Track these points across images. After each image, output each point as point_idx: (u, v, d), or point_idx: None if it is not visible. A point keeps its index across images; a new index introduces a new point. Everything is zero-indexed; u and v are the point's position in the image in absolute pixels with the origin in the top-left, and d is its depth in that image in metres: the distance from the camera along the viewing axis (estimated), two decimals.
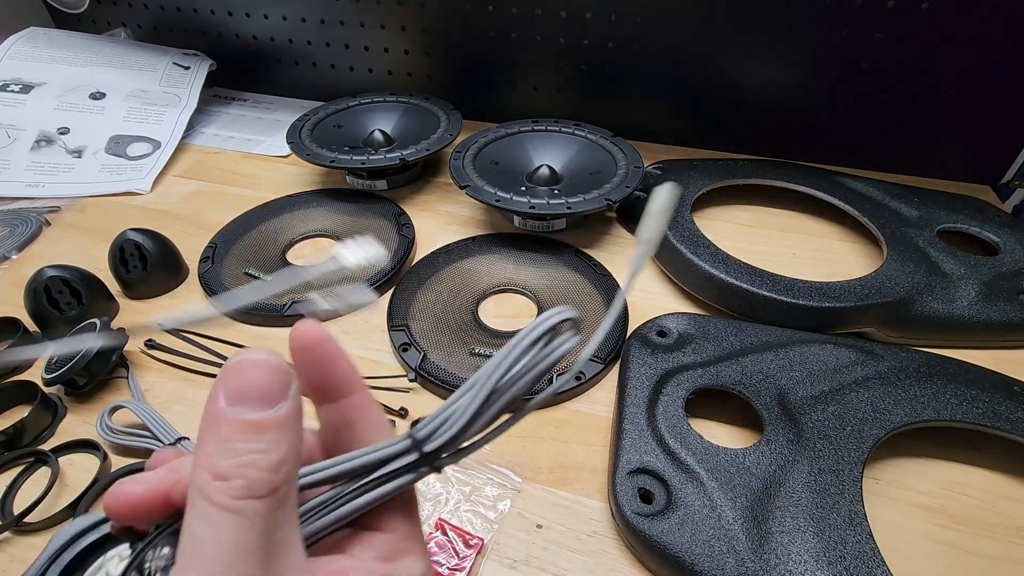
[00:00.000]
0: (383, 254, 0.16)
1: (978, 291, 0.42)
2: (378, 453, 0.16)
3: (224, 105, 0.75)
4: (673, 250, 0.45)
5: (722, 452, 0.32)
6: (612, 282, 0.45)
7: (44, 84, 0.65)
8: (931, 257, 0.44)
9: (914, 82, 0.53)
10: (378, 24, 0.65)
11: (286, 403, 0.15)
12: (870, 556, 0.27)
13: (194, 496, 0.14)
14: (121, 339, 0.39)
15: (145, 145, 0.64)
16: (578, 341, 0.16)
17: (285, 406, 0.15)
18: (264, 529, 0.14)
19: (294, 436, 0.15)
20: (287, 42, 0.71)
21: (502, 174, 0.52)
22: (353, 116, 0.62)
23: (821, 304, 0.40)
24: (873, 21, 0.51)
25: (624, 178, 0.49)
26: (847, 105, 0.56)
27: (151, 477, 0.16)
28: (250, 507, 0.13)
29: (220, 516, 0.13)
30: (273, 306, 0.44)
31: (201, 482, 0.14)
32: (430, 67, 0.67)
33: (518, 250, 0.49)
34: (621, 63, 0.60)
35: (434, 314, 0.43)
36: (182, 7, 0.72)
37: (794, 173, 0.53)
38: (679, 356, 0.37)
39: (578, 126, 0.56)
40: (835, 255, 0.50)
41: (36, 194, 0.59)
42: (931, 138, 0.56)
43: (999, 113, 0.53)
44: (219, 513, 0.13)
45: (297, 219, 0.53)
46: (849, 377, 0.36)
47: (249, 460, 0.14)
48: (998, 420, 0.33)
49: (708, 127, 0.62)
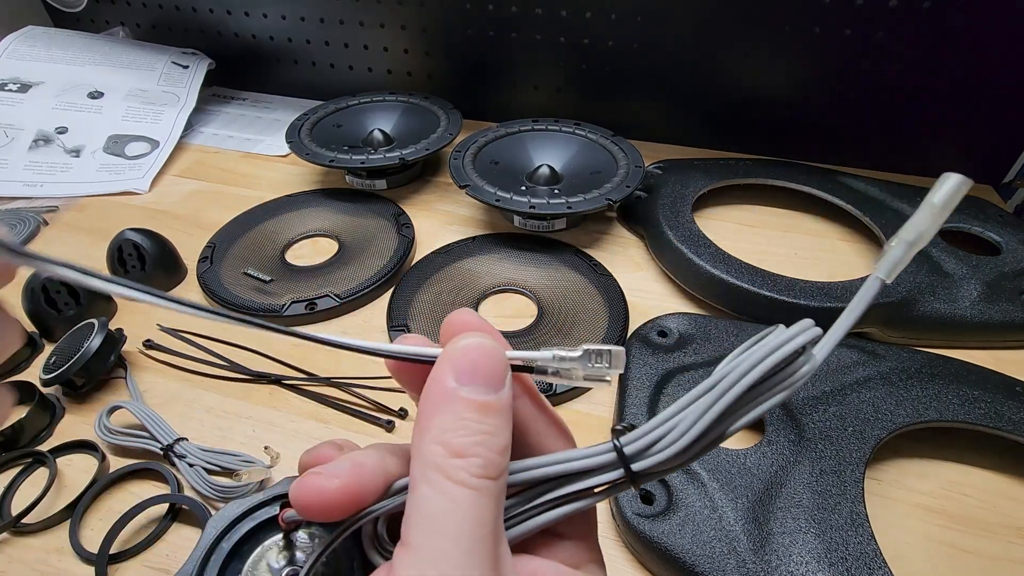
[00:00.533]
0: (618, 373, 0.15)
1: (980, 291, 0.41)
2: (582, 463, 0.15)
3: (223, 104, 0.74)
4: (673, 250, 0.45)
5: (723, 453, 0.32)
6: (612, 282, 0.45)
7: (42, 83, 0.64)
8: (933, 257, 0.44)
9: (916, 81, 0.53)
10: (378, 23, 0.65)
11: (504, 390, 0.15)
12: (871, 557, 0.27)
13: (428, 471, 0.13)
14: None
15: (143, 144, 0.63)
16: (817, 366, 0.14)
17: (504, 393, 0.15)
18: (497, 512, 0.13)
19: (509, 424, 0.15)
20: (286, 41, 0.71)
21: (502, 174, 0.52)
22: (352, 115, 0.62)
23: (822, 304, 0.40)
24: (875, 20, 0.51)
25: (624, 178, 0.49)
26: (849, 104, 0.56)
27: (339, 472, 0.15)
28: (487, 487, 0.13)
29: (460, 492, 0.13)
30: (272, 306, 0.44)
31: (436, 457, 0.13)
32: (430, 66, 0.67)
33: (518, 250, 0.49)
34: (621, 62, 0.60)
35: (434, 314, 0.43)
36: (181, 6, 0.72)
37: (795, 173, 0.53)
38: (680, 356, 0.37)
39: (578, 125, 0.56)
40: (836, 255, 0.50)
41: (34, 194, 0.58)
42: (933, 137, 0.56)
43: (1001, 113, 0.53)
44: (459, 489, 0.13)
45: (296, 219, 0.53)
46: (850, 377, 0.35)
47: (482, 439, 0.14)
48: (1000, 420, 0.33)
49: (709, 126, 0.62)
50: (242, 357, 0.41)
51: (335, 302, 0.44)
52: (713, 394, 0.14)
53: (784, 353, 0.13)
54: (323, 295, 0.44)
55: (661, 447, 0.14)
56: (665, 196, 0.50)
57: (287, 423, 0.37)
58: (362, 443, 0.38)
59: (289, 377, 0.40)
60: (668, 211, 0.48)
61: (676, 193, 0.50)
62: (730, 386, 0.13)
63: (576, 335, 0.41)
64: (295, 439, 0.36)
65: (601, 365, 0.15)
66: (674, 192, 0.50)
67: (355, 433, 0.36)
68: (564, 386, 0.37)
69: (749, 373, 0.13)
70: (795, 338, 0.13)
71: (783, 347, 0.13)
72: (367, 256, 0.48)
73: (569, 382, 0.16)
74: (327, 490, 0.15)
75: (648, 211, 0.50)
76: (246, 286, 0.46)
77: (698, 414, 0.14)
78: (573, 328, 0.41)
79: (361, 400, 0.38)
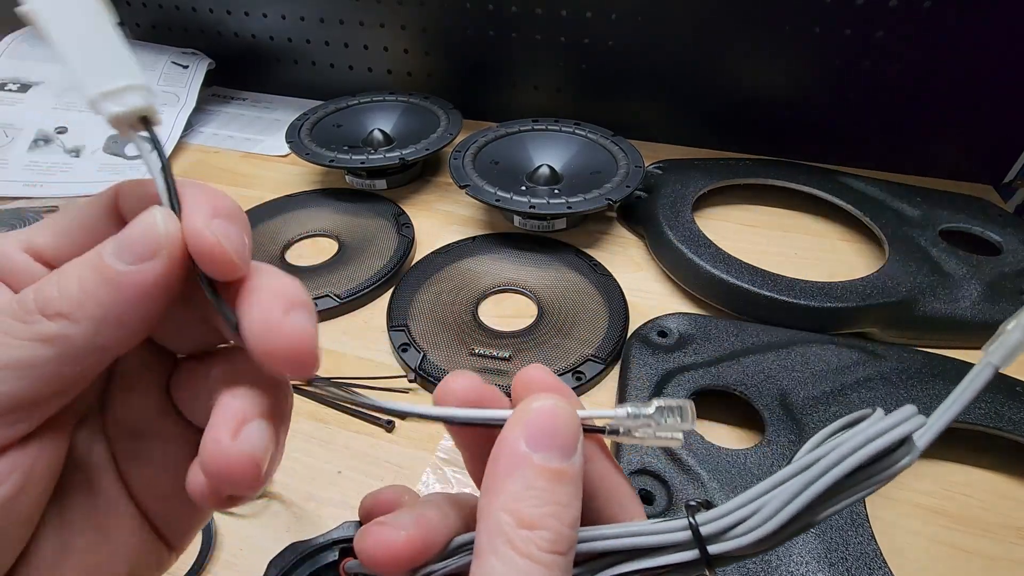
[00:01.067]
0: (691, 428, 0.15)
1: (980, 291, 0.41)
2: (654, 539, 0.14)
3: (223, 104, 0.74)
4: (674, 250, 0.45)
5: (723, 453, 0.32)
6: (612, 282, 0.45)
7: (42, 83, 0.64)
8: (933, 257, 0.44)
9: (916, 81, 0.53)
10: (378, 23, 0.65)
11: (576, 456, 0.14)
12: (872, 557, 0.27)
13: (496, 541, 0.13)
14: None
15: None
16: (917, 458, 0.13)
17: (577, 459, 0.14)
18: None
19: (580, 493, 0.14)
20: (286, 41, 0.71)
21: (502, 174, 0.52)
22: (352, 115, 0.62)
23: (823, 304, 0.40)
24: (875, 20, 0.51)
25: (625, 178, 0.49)
26: (849, 104, 0.56)
27: (406, 524, 0.15)
28: (556, 562, 0.13)
29: (529, 567, 0.12)
30: None
31: (505, 527, 0.13)
32: (430, 66, 0.67)
33: (518, 250, 0.49)
34: (621, 62, 0.60)
35: (434, 314, 0.43)
36: (180, 6, 0.72)
37: (795, 172, 0.53)
38: (680, 356, 0.37)
39: (578, 125, 0.56)
40: (836, 255, 0.50)
41: (34, 193, 0.58)
42: (933, 137, 0.56)
43: (1002, 113, 0.53)
44: (528, 563, 0.12)
45: (296, 219, 0.53)
46: (851, 377, 0.35)
47: (553, 511, 0.13)
48: (1000, 420, 0.33)
49: (709, 126, 0.62)
50: None
51: (335, 302, 0.44)
52: (804, 478, 0.13)
53: (885, 443, 0.12)
54: (323, 295, 0.44)
55: (742, 531, 0.13)
56: (665, 196, 0.50)
57: None
58: (363, 444, 0.38)
59: None
60: (668, 211, 0.48)
61: (676, 193, 0.50)
62: (823, 472, 0.12)
63: (576, 335, 0.41)
64: (295, 439, 0.36)
65: (674, 420, 0.15)
66: (674, 192, 0.50)
67: (355, 433, 0.36)
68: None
69: (845, 460, 0.12)
70: (898, 427, 0.12)
71: (885, 435, 0.12)
72: (367, 256, 0.48)
73: (639, 442, 0.15)
74: (395, 544, 0.14)
75: (648, 211, 0.50)
76: None
77: (786, 498, 0.13)
78: (573, 328, 0.41)
79: None
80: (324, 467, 0.35)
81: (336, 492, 0.33)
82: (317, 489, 0.33)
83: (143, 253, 0.13)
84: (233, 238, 0.14)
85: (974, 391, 0.13)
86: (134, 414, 0.16)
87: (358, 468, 0.35)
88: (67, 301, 0.13)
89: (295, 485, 0.34)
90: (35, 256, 0.15)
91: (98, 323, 0.13)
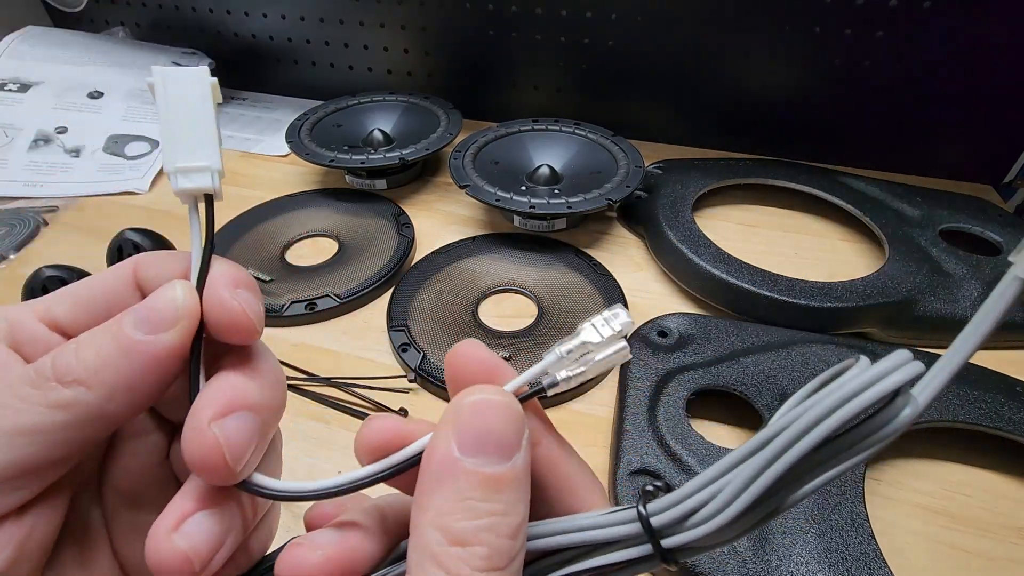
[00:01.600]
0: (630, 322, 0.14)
1: (980, 291, 0.41)
2: (602, 532, 0.12)
3: (223, 104, 0.74)
4: (674, 250, 0.45)
5: (723, 453, 0.32)
6: (612, 282, 0.45)
7: (42, 83, 0.64)
8: (933, 257, 0.44)
9: (916, 81, 0.53)
10: (378, 23, 0.65)
11: (520, 454, 0.12)
12: (872, 557, 0.27)
13: (425, 563, 0.11)
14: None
15: (143, 144, 0.63)
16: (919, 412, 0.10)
17: (520, 458, 0.12)
18: None
19: (527, 494, 0.13)
20: (286, 41, 0.71)
21: (502, 174, 0.52)
22: (352, 115, 0.62)
23: (823, 304, 0.40)
24: (875, 20, 0.51)
25: (625, 178, 0.49)
26: (849, 104, 0.56)
27: (325, 542, 0.14)
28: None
29: None
30: (271, 306, 0.44)
31: (435, 546, 0.12)
32: (430, 66, 0.67)
33: (518, 250, 0.49)
34: (621, 62, 0.60)
35: (434, 314, 0.43)
36: (180, 6, 0.72)
37: (795, 173, 0.53)
38: (680, 356, 0.37)
39: (578, 125, 0.56)
40: (837, 255, 0.50)
41: (34, 193, 0.58)
42: (933, 137, 0.56)
43: (1002, 112, 0.53)
44: None
45: (296, 219, 0.53)
46: None
47: (489, 524, 0.12)
48: (1000, 421, 0.33)
49: (709, 126, 0.62)
50: None
51: (335, 302, 0.44)
52: (770, 450, 0.10)
53: (871, 397, 0.10)
54: (323, 295, 0.44)
55: (700, 519, 0.11)
56: (665, 196, 0.50)
57: (287, 423, 0.37)
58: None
59: (290, 377, 0.40)
60: (668, 211, 0.48)
61: (676, 193, 0.50)
62: (792, 441, 0.10)
63: None
64: (294, 439, 0.36)
65: (610, 329, 0.14)
66: (674, 192, 0.50)
67: (355, 433, 0.36)
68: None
69: (821, 424, 0.10)
70: (888, 376, 0.10)
71: (870, 388, 0.10)
72: (367, 256, 0.48)
73: (592, 372, 0.14)
74: (308, 563, 0.13)
75: (648, 211, 0.50)
76: None
77: (748, 478, 0.10)
78: (573, 328, 0.41)
79: (361, 400, 0.38)
80: (324, 467, 0.35)
81: None
82: None
83: (161, 324, 0.14)
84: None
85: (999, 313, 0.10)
86: (133, 482, 0.16)
87: (358, 468, 0.35)
88: (84, 369, 0.13)
89: None
90: (52, 326, 0.15)
91: (112, 390, 0.13)
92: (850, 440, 0.10)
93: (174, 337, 0.14)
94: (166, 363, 0.14)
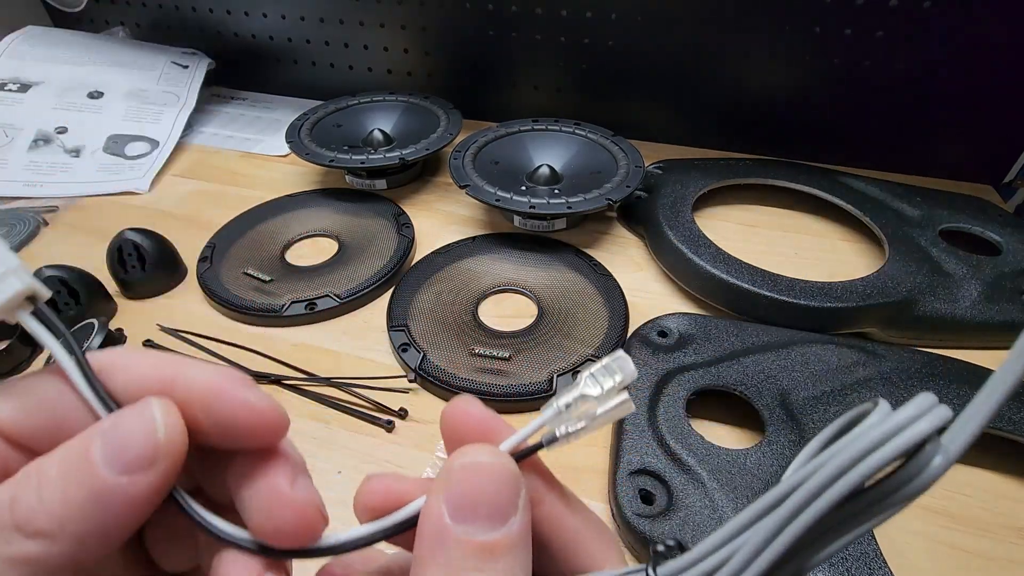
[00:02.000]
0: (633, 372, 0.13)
1: (980, 291, 0.41)
2: None
3: (223, 104, 0.74)
4: (674, 250, 0.45)
5: (723, 453, 0.32)
6: (612, 282, 0.45)
7: (42, 83, 0.64)
8: (933, 257, 0.44)
9: (916, 81, 0.53)
10: (378, 23, 0.65)
11: (517, 517, 0.12)
12: (872, 557, 0.27)
13: None
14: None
15: (143, 144, 0.63)
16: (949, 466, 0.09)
17: (516, 521, 0.12)
18: None
19: (527, 558, 0.12)
20: (286, 41, 0.71)
21: (502, 174, 0.52)
22: (352, 115, 0.62)
23: (823, 304, 0.40)
24: (875, 20, 0.51)
25: (625, 178, 0.49)
26: (849, 104, 0.56)
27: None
28: None
29: None
30: (271, 306, 0.44)
31: None
32: (430, 66, 0.67)
33: (518, 250, 0.49)
34: (621, 62, 0.60)
35: (434, 314, 0.43)
36: (180, 6, 0.72)
37: (796, 173, 0.53)
38: (680, 356, 0.37)
39: (578, 125, 0.56)
40: (837, 255, 0.50)
41: (34, 194, 0.58)
42: (933, 137, 0.56)
43: (1002, 112, 0.53)
44: None
45: (296, 219, 0.53)
46: (851, 378, 0.35)
47: None
48: (1000, 421, 0.33)
49: (709, 126, 0.62)
50: (243, 357, 0.41)
51: (335, 302, 0.44)
52: (786, 508, 0.09)
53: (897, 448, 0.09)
54: (323, 295, 0.44)
55: None
56: (665, 196, 0.50)
57: None
58: (363, 444, 0.38)
59: (289, 377, 0.40)
60: (668, 211, 0.48)
61: (676, 193, 0.50)
62: (810, 498, 0.09)
63: (576, 335, 0.41)
64: (294, 439, 0.36)
65: (611, 380, 0.13)
66: (674, 192, 0.50)
67: (355, 433, 0.36)
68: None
69: (841, 478, 0.09)
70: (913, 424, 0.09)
71: (895, 439, 0.09)
72: (367, 256, 0.48)
73: (593, 428, 0.13)
74: None
75: (648, 211, 0.50)
76: (246, 286, 0.46)
77: (764, 540, 0.09)
78: (573, 328, 0.41)
79: (361, 400, 0.38)
80: (324, 467, 0.35)
81: (336, 492, 0.33)
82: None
83: (138, 462, 0.11)
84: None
85: None
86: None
87: (358, 468, 0.35)
88: (49, 519, 0.11)
89: None
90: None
91: (81, 541, 0.11)
92: (875, 496, 0.09)
93: (152, 478, 0.11)
94: (144, 507, 0.12)
